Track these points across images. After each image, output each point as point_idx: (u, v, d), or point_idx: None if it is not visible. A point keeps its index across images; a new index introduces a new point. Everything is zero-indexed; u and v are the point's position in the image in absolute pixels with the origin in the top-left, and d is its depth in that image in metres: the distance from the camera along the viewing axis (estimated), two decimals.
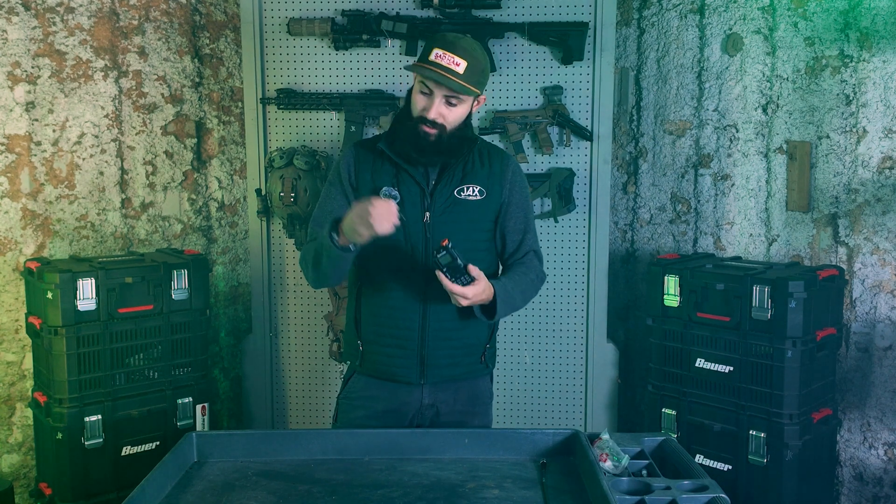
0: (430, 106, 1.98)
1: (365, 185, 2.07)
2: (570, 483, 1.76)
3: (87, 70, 3.25)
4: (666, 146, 3.49)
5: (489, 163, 2.12)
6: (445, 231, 2.03)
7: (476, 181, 2.08)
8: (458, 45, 1.98)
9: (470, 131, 2.09)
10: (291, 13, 3.06)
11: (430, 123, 1.98)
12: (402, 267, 2.05)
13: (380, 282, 2.09)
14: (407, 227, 2.03)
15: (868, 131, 2.96)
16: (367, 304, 2.12)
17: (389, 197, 2.02)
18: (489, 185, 2.10)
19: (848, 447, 3.08)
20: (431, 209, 2.04)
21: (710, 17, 3.32)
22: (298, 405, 3.23)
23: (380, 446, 1.91)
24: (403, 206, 2.03)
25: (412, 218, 2.04)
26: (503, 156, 2.16)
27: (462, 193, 2.07)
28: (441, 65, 1.96)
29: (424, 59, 1.99)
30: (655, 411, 3.01)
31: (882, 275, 2.97)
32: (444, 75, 1.95)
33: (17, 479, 3.18)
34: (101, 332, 2.79)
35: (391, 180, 2.06)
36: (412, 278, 2.05)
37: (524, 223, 2.15)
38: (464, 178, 2.08)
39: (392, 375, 2.11)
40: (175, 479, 1.78)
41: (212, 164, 3.59)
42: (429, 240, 2.04)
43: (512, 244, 2.15)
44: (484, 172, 2.10)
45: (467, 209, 2.07)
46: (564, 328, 3.14)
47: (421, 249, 2.04)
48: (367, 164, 2.09)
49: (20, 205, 3.15)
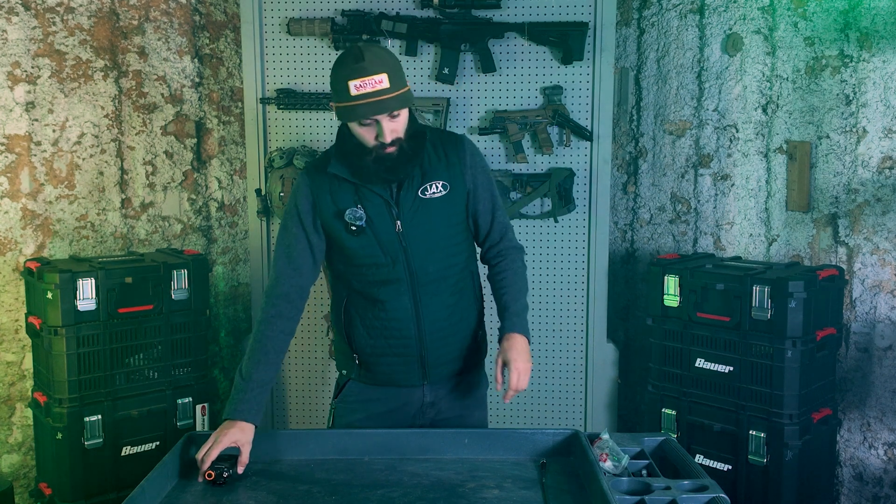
0: (382, 131, 1.90)
1: (328, 210, 2.01)
2: (570, 483, 1.76)
3: (87, 70, 3.25)
4: (666, 146, 3.49)
5: (444, 153, 2.05)
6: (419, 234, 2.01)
7: (437, 176, 2.03)
8: (368, 64, 1.86)
9: (417, 124, 2.03)
10: (291, 13, 3.06)
11: (389, 144, 1.92)
12: (388, 279, 2.02)
13: (368, 297, 2.05)
14: (381, 242, 2.00)
15: (868, 131, 2.96)
16: (357, 318, 2.08)
17: (355, 219, 1.98)
18: (451, 178, 2.04)
19: (848, 447, 3.08)
20: (401, 217, 2.00)
21: (710, 17, 3.32)
22: (298, 405, 3.23)
23: (380, 446, 1.91)
24: (372, 223, 1.99)
25: (384, 231, 2.00)
26: (456, 141, 2.09)
27: (426, 193, 2.01)
28: (366, 93, 1.86)
29: (346, 95, 1.87)
30: (655, 411, 3.01)
31: (882, 275, 2.97)
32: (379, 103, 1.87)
33: (17, 479, 3.18)
34: (101, 332, 2.79)
35: (353, 198, 2.00)
36: (401, 289, 2.02)
37: (492, 202, 2.12)
38: (424, 177, 2.02)
39: (394, 381, 2.10)
40: (175, 479, 1.78)
41: (212, 164, 3.59)
42: (406, 248, 2.00)
43: (485, 226, 2.13)
44: (442, 165, 2.04)
45: (435, 207, 2.02)
46: (564, 328, 3.14)
47: (402, 259, 2.01)
48: (323, 189, 2.02)
49: (20, 205, 3.15)
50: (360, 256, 2.02)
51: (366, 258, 2.01)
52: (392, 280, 2.02)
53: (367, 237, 2.00)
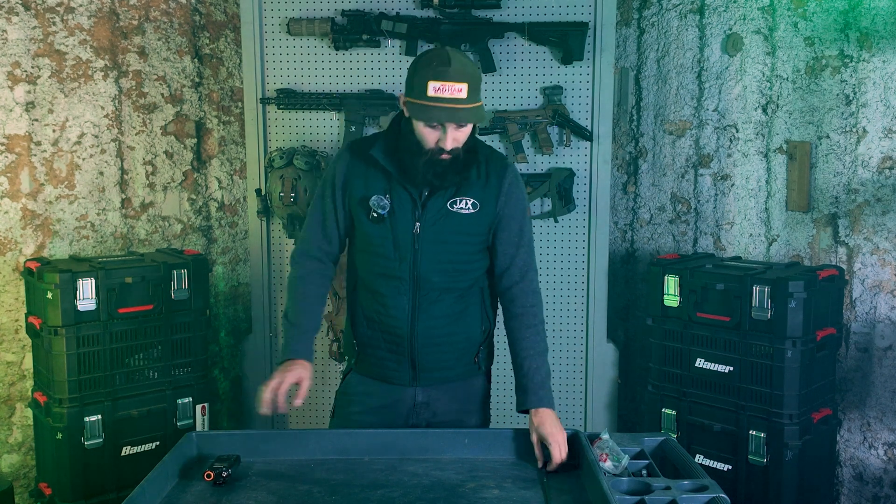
0: (445, 138, 1.91)
1: (357, 192, 2.04)
2: (570, 483, 1.76)
3: (86, 70, 3.25)
4: (666, 146, 3.49)
5: (486, 174, 2.04)
6: (435, 241, 2.01)
7: (470, 193, 2.03)
8: (453, 70, 1.86)
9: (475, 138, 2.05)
10: (291, 13, 3.06)
11: (447, 152, 1.93)
12: (393, 275, 2.03)
13: (371, 286, 2.08)
14: (396, 237, 2.01)
15: (868, 131, 2.96)
16: (360, 305, 2.12)
17: (378, 207, 2.00)
18: (483, 199, 2.03)
19: (848, 447, 3.08)
20: (422, 220, 2.01)
21: (710, 17, 3.32)
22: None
23: (380, 446, 1.91)
24: (394, 216, 2.01)
25: (402, 228, 2.01)
26: (501, 165, 2.08)
27: (455, 206, 2.02)
28: (444, 98, 1.85)
29: (422, 94, 1.87)
30: (655, 411, 3.01)
31: (882, 275, 2.97)
32: (453, 112, 1.86)
33: (17, 479, 3.18)
34: (101, 332, 2.79)
35: (384, 187, 2.02)
36: (401, 288, 2.04)
37: (518, 237, 2.08)
38: (458, 191, 2.02)
39: (386, 377, 2.11)
40: (175, 479, 1.78)
41: (212, 164, 3.59)
42: (417, 251, 2.01)
43: (504, 259, 2.08)
44: (479, 185, 2.03)
45: (459, 222, 2.02)
46: (564, 328, 3.14)
47: (409, 259, 2.02)
48: (359, 170, 2.05)
49: (20, 205, 3.15)
50: (373, 244, 2.04)
51: (378, 248, 2.03)
52: (395, 277, 2.04)
53: (385, 228, 2.02)
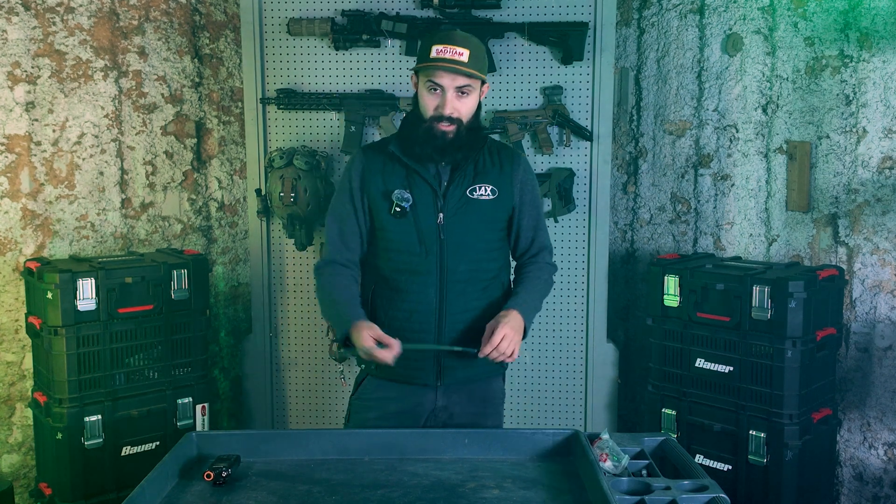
0: (444, 102, 1.99)
1: (376, 189, 2.07)
2: (570, 483, 1.76)
3: (86, 70, 3.25)
4: (666, 146, 3.49)
5: (500, 162, 2.12)
6: (459, 231, 2.03)
7: (488, 180, 2.09)
8: (456, 37, 2.00)
9: (480, 122, 2.11)
10: (291, 13, 3.06)
11: (446, 120, 1.99)
12: (418, 269, 2.05)
13: (394, 284, 2.08)
14: (421, 230, 2.03)
15: (868, 131, 2.96)
16: (381, 306, 2.11)
17: (402, 200, 2.02)
18: (501, 185, 2.10)
19: (848, 447, 3.08)
20: (444, 210, 2.04)
21: (710, 18, 3.32)
22: (298, 405, 3.23)
23: (380, 446, 1.91)
24: (416, 209, 2.03)
25: (425, 220, 2.04)
26: (513, 154, 2.16)
27: (475, 193, 2.07)
28: (445, 58, 1.96)
29: (425, 57, 1.99)
30: (655, 411, 3.01)
31: (882, 275, 2.97)
32: (452, 66, 1.96)
33: (17, 479, 3.18)
34: (101, 332, 2.79)
35: (402, 182, 2.06)
36: (428, 281, 2.05)
37: (535, 220, 2.18)
38: (476, 178, 2.08)
39: (408, 378, 2.11)
40: (175, 479, 1.78)
41: (212, 164, 3.59)
42: (443, 241, 2.04)
43: (525, 243, 2.18)
44: (495, 171, 2.10)
45: (480, 209, 2.07)
46: (564, 328, 3.14)
47: (436, 251, 2.04)
48: (376, 167, 2.08)
49: (20, 205, 3.15)
50: (395, 241, 2.06)
51: (401, 244, 2.05)
52: (421, 271, 2.05)
53: (408, 223, 2.04)
